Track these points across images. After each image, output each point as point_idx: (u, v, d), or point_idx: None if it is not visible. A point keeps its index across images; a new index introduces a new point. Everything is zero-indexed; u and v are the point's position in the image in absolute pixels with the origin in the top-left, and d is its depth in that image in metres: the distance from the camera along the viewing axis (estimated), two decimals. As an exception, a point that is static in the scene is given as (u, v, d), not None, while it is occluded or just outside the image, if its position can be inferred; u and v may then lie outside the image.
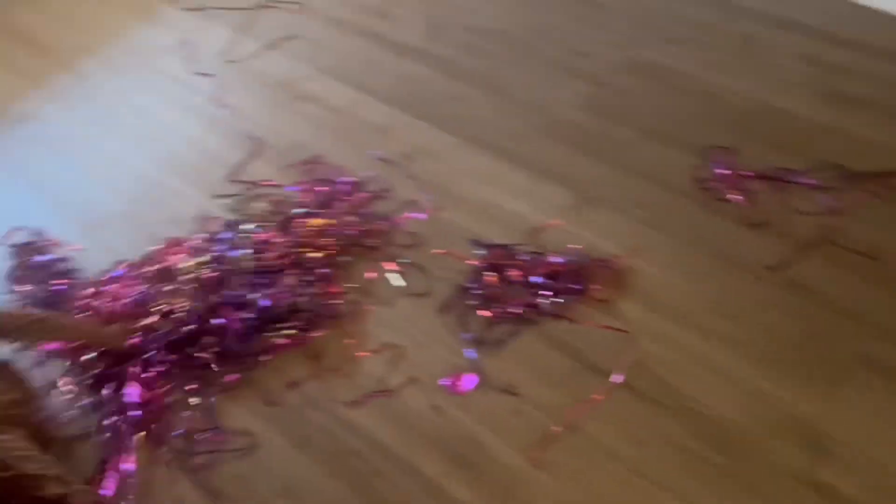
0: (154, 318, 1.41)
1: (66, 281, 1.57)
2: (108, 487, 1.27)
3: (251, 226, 1.57)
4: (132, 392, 1.34)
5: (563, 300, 1.42)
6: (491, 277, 1.46)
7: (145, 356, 1.37)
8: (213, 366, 1.38)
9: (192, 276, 1.47)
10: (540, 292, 1.43)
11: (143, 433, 1.32)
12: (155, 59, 2.07)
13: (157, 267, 1.51)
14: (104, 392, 1.36)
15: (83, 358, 1.39)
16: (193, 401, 1.36)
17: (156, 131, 1.88)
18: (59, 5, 2.29)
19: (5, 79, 2.08)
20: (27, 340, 1.35)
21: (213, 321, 1.40)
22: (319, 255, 1.51)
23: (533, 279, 1.44)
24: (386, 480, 1.25)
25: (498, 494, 1.22)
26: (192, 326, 1.39)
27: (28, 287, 1.58)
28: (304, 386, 1.37)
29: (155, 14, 2.22)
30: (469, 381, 1.34)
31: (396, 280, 1.50)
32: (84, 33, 2.19)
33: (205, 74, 2.00)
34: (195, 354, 1.38)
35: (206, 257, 1.50)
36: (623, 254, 1.48)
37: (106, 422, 1.34)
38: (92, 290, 1.51)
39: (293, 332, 1.42)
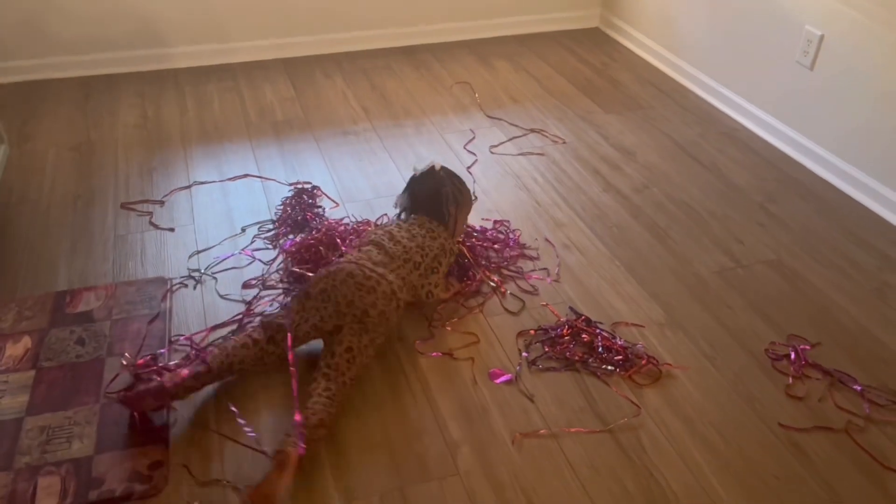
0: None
1: (314, 217, 2.31)
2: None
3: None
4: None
5: (608, 368, 1.78)
6: (566, 331, 1.87)
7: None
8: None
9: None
10: (595, 355, 1.81)
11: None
12: (447, 133, 2.86)
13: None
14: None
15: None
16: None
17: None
18: (412, 85, 3.25)
19: (351, 109, 3.02)
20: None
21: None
22: (468, 257, 2.06)
23: (596, 345, 1.83)
24: (416, 407, 1.70)
25: (478, 447, 1.59)
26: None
27: (289, 211, 2.35)
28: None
29: (466, 111, 3.04)
30: (504, 378, 1.75)
31: (502, 299, 1.98)
32: (417, 104, 3.08)
33: (471, 152, 2.73)
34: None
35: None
36: (674, 364, 1.80)
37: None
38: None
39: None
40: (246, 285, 2.04)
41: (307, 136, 2.82)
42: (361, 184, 2.52)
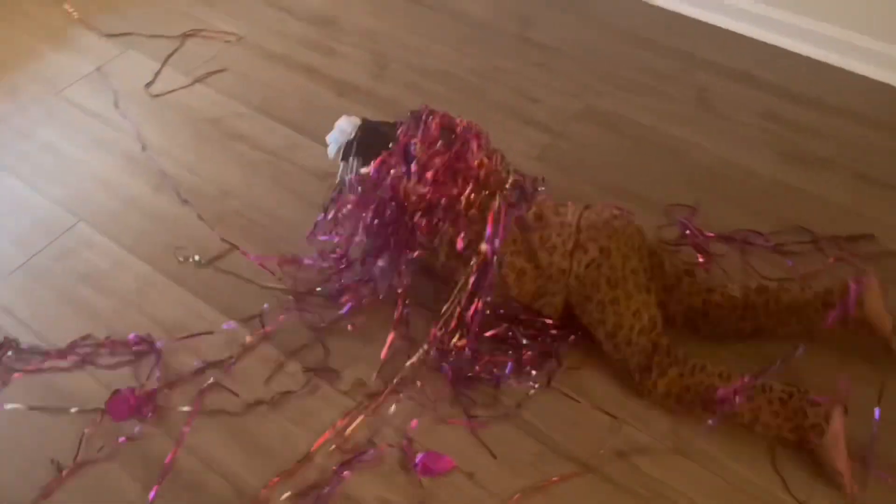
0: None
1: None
2: None
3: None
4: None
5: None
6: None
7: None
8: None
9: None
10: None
11: None
12: (66, 89, 1.87)
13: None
14: None
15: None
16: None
17: (64, 170, 1.68)
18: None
19: None
20: None
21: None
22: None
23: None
24: None
25: None
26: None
27: None
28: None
29: (68, 38, 2.01)
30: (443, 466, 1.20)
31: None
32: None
33: (121, 107, 1.81)
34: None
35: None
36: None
37: None
38: None
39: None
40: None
41: None
42: (-7, 242, 1.55)
